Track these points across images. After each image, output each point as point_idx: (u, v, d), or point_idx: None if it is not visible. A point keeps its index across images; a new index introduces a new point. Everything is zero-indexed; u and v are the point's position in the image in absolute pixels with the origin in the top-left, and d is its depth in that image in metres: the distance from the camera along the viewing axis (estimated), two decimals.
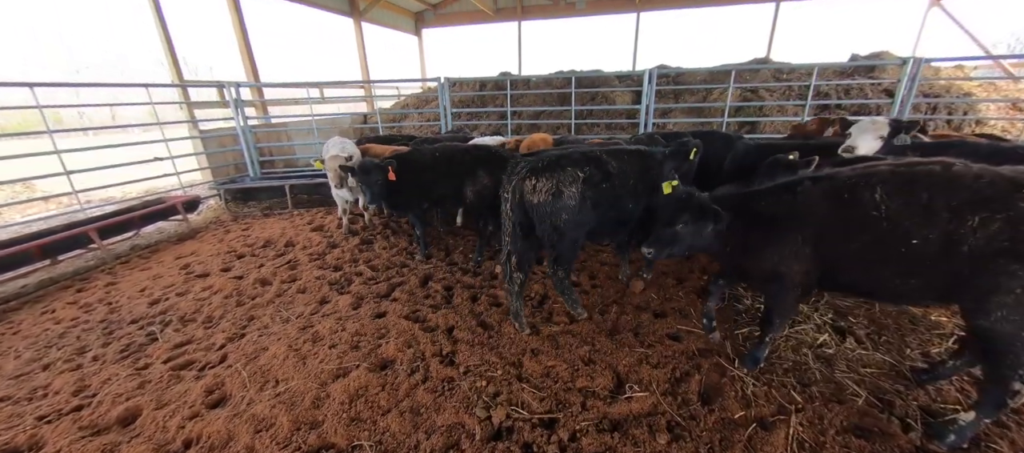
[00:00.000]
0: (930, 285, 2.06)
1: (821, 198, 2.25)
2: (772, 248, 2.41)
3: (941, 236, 1.89)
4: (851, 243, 2.16)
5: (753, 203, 2.51)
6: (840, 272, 2.33)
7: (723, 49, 18.79)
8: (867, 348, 2.91)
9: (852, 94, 8.21)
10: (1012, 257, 1.77)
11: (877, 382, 2.65)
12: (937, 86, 8.30)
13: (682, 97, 9.39)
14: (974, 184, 1.87)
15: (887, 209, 2.01)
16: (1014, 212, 1.76)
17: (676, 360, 2.91)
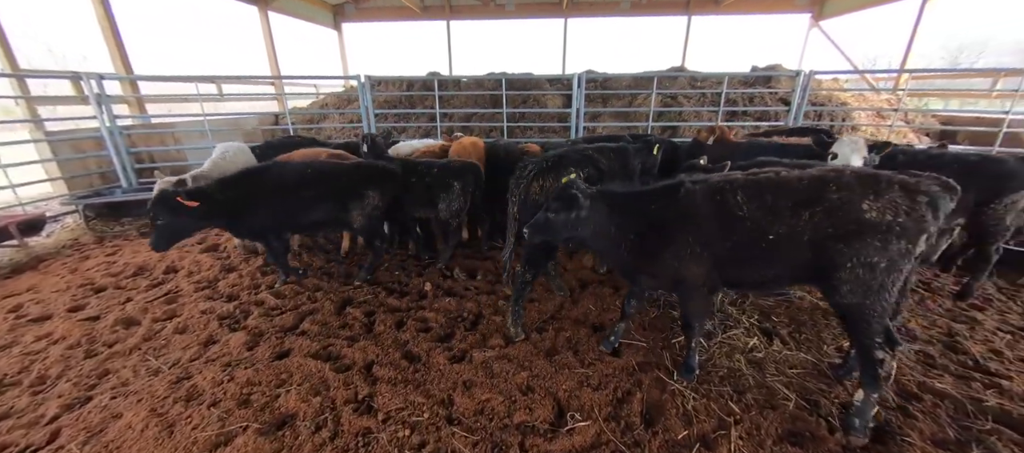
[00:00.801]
0: (793, 271, 2.40)
1: (702, 200, 2.40)
2: (670, 250, 2.47)
3: (787, 230, 2.21)
4: (729, 241, 2.36)
5: (642, 203, 2.57)
6: (727, 269, 2.48)
7: (644, 57, 19.97)
8: (791, 348, 3.01)
9: (755, 102, 9.00)
10: (837, 239, 2.14)
11: (803, 382, 2.72)
12: (820, 96, 9.44)
13: (610, 102, 9.64)
14: (799, 185, 2.23)
15: (747, 210, 2.27)
16: (828, 203, 2.14)
17: (617, 378, 2.76)
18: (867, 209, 2.08)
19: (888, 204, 2.07)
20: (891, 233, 2.07)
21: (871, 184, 2.13)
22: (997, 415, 2.43)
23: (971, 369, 2.86)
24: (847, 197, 2.12)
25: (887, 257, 2.10)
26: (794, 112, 7.44)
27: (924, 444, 2.25)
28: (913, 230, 2.09)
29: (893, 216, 2.06)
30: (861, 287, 2.15)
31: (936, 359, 2.97)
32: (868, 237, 2.09)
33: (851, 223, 2.10)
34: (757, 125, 8.58)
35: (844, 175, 2.20)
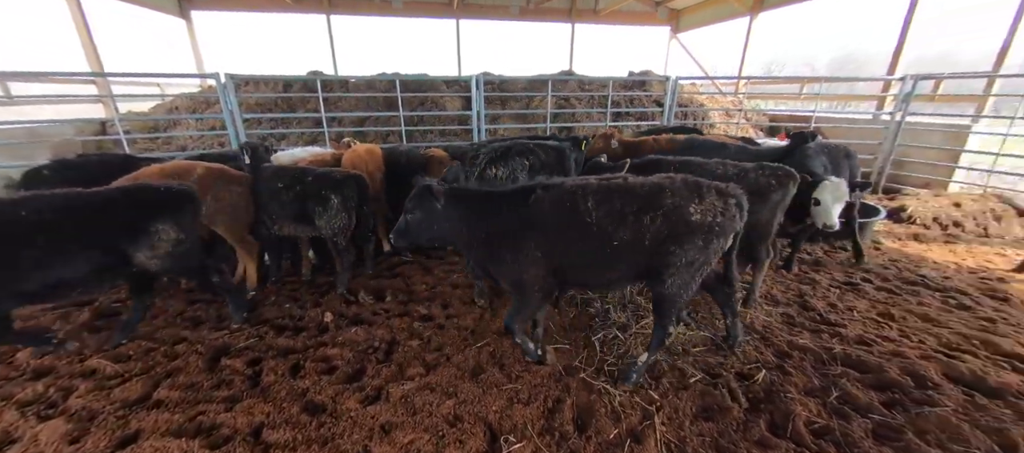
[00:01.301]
0: (632, 272, 2.59)
1: (550, 207, 2.46)
2: (512, 252, 2.54)
3: (631, 234, 2.39)
4: (576, 246, 2.47)
5: (494, 204, 2.60)
6: (575, 272, 2.60)
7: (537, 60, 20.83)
8: (693, 329, 3.31)
9: (635, 104, 10.01)
10: (672, 240, 2.39)
11: (706, 359, 3.00)
12: (684, 98, 10.91)
13: (508, 104, 9.78)
14: (642, 191, 2.41)
15: (596, 216, 2.39)
16: (664, 208, 2.35)
17: (546, 387, 2.70)
18: (693, 212, 2.36)
19: (709, 207, 2.37)
20: (712, 233, 2.39)
21: (696, 190, 2.41)
22: (843, 359, 2.98)
23: (819, 323, 3.49)
24: (679, 202, 2.36)
25: (706, 254, 2.43)
26: (667, 112, 8.42)
27: (800, 395, 2.63)
28: (727, 229, 2.43)
29: (713, 217, 2.37)
30: (681, 280, 2.48)
31: (795, 318, 3.56)
32: (694, 237, 2.38)
33: (682, 225, 2.36)
34: (639, 124, 9.56)
35: (676, 182, 2.45)
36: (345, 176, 3.82)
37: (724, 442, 2.32)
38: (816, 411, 2.52)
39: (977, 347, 3.14)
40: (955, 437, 2.30)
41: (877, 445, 2.28)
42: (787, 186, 3.15)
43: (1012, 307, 3.81)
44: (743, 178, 3.17)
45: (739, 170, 3.22)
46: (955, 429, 2.34)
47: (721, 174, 3.21)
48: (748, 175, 3.18)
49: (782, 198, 3.18)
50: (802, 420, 2.43)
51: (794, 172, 3.18)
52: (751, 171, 3.19)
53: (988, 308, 3.77)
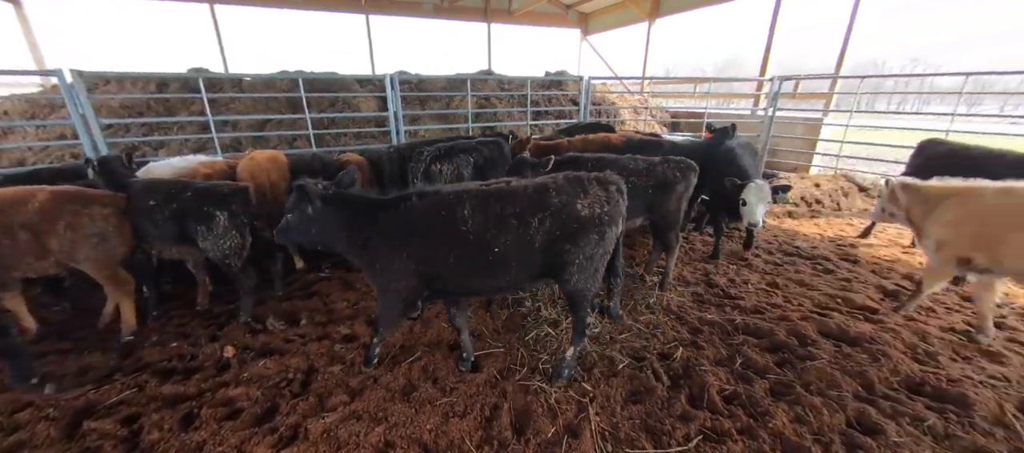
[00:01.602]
0: (526, 275, 2.55)
1: (422, 216, 2.40)
2: (383, 259, 2.48)
3: (517, 239, 2.37)
4: (453, 254, 2.40)
5: (372, 210, 2.50)
6: (456, 279, 2.52)
7: (456, 60, 20.61)
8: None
9: (553, 103, 10.35)
10: (566, 238, 2.42)
11: (631, 344, 3.17)
12: (596, 97, 11.57)
13: (427, 104, 9.50)
14: (525, 194, 2.41)
15: (473, 224, 2.33)
16: (552, 208, 2.37)
17: (482, 396, 2.64)
18: (582, 208, 2.41)
19: (595, 199, 2.44)
20: (603, 223, 2.46)
21: (579, 186, 2.47)
22: (743, 328, 3.35)
23: (723, 298, 3.89)
24: (566, 200, 2.38)
25: (603, 245, 2.51)
26: (582, 111, 8.83)
27: (712, 367, 2.90)
28: (615, 215, 2.53)
29: (600, 209, 2.45)
30: (586, 273, 2.54)
31: (703, 296, 3.94)
32: (588, 232, 2.43)
33: (574, 222, 2.40)
34: (558, 122, 9.90)
35: (559, 180, 2.48)
36: (233, 189, 3.34)
37: (652, 422, 2.46)
38: (725, 379, 2.79)
39: (839, 304, 3.76)
40: (831, 384, 2.70)
41: (774, 401, 2.58)
42: (689, 177, 3.46)
43: (861, 267, 4.63)
44: (651, 171, 3.41)
45: (648, 164, 3.46)
46: (830, 377, 2.75)
47: (632, 168, 3.42)
48: (655, 169, 3.43)
49: (685, 188, 3.49)
50: (715, 389, 2.67)
51: (694, 165, 3.50)
52: (657, 165, 3.45)
53: (845, 270, 4.54)
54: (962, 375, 2.79)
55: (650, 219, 3.64)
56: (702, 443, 2.29)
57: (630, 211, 3.54)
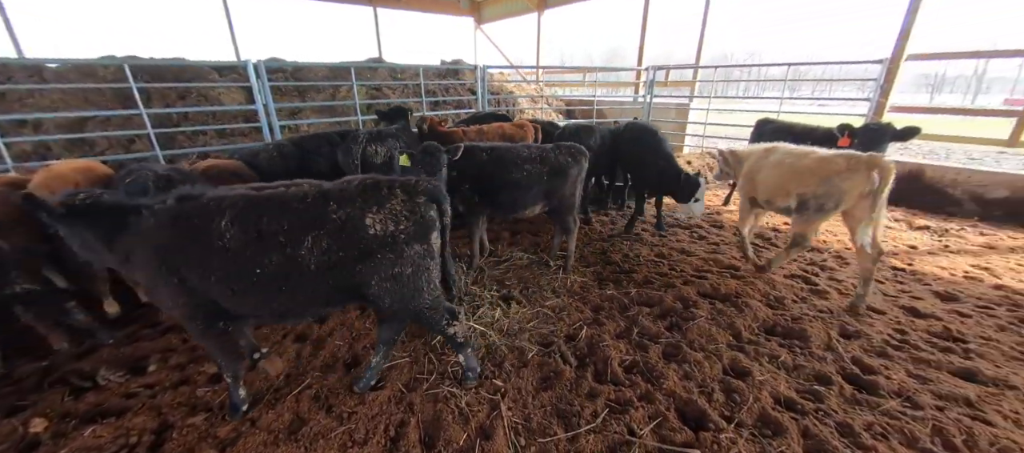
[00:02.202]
0: (316, 300, 2.13)
1: (163, 228, 1.93)
2: (148, 279, 2.05)
3: (286, 258, 1.92)
4: (215, 274, 1.94)
5: (119, 219, 1.97)
6: (232, 302, 2.04)
7: (343, 48, 18.81)
8: (525, 305, 3.49)
9: (450, 92, 10.08)
10: (352, 261, 1.99)
11: (539, 331, 3.20)
12: (494, 86, 11.58)
13: (309, 95, 8.50)
14: (298, 206, 1.95)
15: (231, 238, 1.90)
16: (331, 225, 1.94)
17: (385, 415, 2.40)
18: (372, 224, 1.98)
19: (392, 214, 2.02)
20: (402, 242, 2.04)
21: (373, 196, 2.02)
22: (638, 300, 3.61)
23: (619, 274, 4.16)
24: (350, 214, 1.96)
25: (409, 264, 2.09)
26: (480, 100, 8.74)
27: (613, 340, 3.06)
28: (425, 228, 2.12)
29: (397, 225, 2.02)
30: (399, 295, 2.14)
31: (602, 273, 4.16)
32: (383, 252, 2.01)
33: (360, 242, 1.97)
34: (458, 112, 9.67)
35: (347, 188, 2.03)
36: None
37: (562, 405, 2.49)
38: (625, 350, 2.97)
39: (711, 266, 4.28)
40: (710, 339, 3.04)
41: (666, 363, 2.82)
42: (581, 163, 3.59)
43: (725, 231, 5.36)
44: (544, 158, 3.45)
45: (541, 151, 3.49)
46: (708, 333, 3.10)
47: (525, 156, 3.43)
48: (548, 155, 3.48)
49: (579, 173, 3.61)
50: (616, 361, 2.82)
51: (585, 150, 3.63)
52: (550, 152, 3.50)
53: (714, 235, 5.21)
54: (801, 313, 3.38)
55: (548, 205, 3.70)
56: (608, 416, 2.39)
57: (529, 199, 3.57)
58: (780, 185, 3.58)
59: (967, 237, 5.19)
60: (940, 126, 15.62)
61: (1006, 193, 5.74)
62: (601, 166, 5.74)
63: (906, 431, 2.23)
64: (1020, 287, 3.89)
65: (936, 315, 3.38)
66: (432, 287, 2.29)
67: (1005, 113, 7.14)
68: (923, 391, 2.53)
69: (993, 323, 3.28)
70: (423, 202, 2.12)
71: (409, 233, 2.06)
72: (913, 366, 2.78)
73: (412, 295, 2.20)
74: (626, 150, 5.32)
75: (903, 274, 4.19)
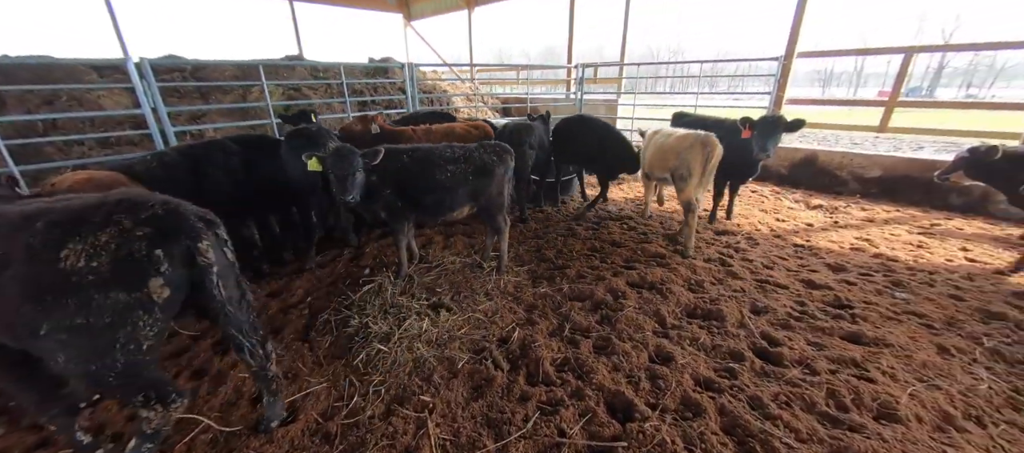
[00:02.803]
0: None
1: None
2: None
3: None
4: None
5: None
6: None
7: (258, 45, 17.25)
8: (456, 312, 3.36)
9: (379, 91, 9.61)
10: (27, 300, 1.51)
11: (471, 337, 3.09)
12: (427, 85, 11.25)
13: (213, 96, 7.64)
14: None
15: None
16: (25, 250, 1.51)
17: (299, 451, 2.16)
18: (65, 257, 1.51)
19: (92, 247, 1.54)
20: (90, 285, 1.52)
21: (90, 219, 1.58)
22: (570, 295, 3.63)
23: (553, 270, 4.17)
24: (47, 240, 1.52)
25: (99, 315, 1.54)
26: (410, 99, 8.42)
27: (545, 340, 3.03)
28: (129, 275, 1.58)
29: (89, 262, 1.52)
30: (77, 353, 1.58)
31: (536, 270, 4.15)
32: (60, 295, 1.51)
33: (42, 280, 1.50)
34: (389, 112, 9.24)
35: (53, 209, 1.60)
36: None
37: (493, 414, 2.40)
38: (557, 348, 2.95)
39: (639, 255, 4.45)
40: (637, 329, 3.12)
41: (597, 357, 2.84)
42: (507, 161, 3.53)
43: (654, 221, 5.62)
44: (469, 158, 3.34)
45: (464, 151, 3.38)
46: (635, 322, 3.18)
47: (449, 156, 3.30)
48: (473, 155, 3.38)
49: (505, 172, 3.55)
50: (548, 361, 2.79)
51: (511, 148, 3.58)
52: (474, 151, 3.40)
53: (642, 225, 5.43)
54: (718, 295, 3.59)
55: (476, 206, 3.60)
56: (539, 419, 2.34)
57: (455, 200, 3.44)
58: (658, 160, 4.59)
59: (852, 213, 5.90)
60: (830, 116, 17.83)
61: (880, 172, 6.61)
62: (539, 164, 5.77)
63: (805, 397, 2.42)
64: (892, 254, 4.47)
65: (829, 285, 3.77)
66: (135, 350, 1.65)
67: (877, 103, 8.24)
68: (819, 357, 2.78)
69: (872, 288, 3.72)
70: (143, 236, 1.60)
71: (104, 275, 1.53)
72: (811, 334, 3.06)
73: (97, 355, 1.60)
74: (583, 141, 5.55)
75: (802, 250, 4.64)
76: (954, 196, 5.93)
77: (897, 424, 2.25)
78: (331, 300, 3.58)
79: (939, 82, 62.07)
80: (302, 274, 4.11)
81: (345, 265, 4.30)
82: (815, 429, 2.22)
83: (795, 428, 2.22)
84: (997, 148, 3.71)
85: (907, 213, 5.86)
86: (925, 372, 2.65)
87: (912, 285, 3.76)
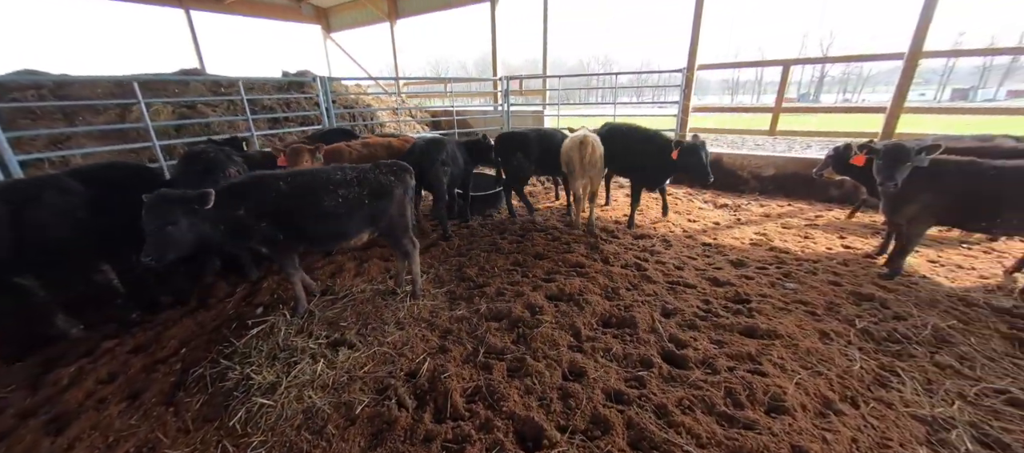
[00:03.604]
0: None
1: None
2: None
3: None
4: None
5: None
6: None
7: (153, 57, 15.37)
8: (359, 348, 3.07)
9: (293, 107, 8.94)
10: None
11: (375, 374, 2.82)
12: (349, 99, 10.70)
13: (82, 117, 6.59)
14: None
15: None
16: None
17: None
18: None
19: None
20: None
21: None
22: (488, 315, 3.48)
23: (473, 289, 4.01)
24: None
25: None
26: (326, 115, 7.91)
27: (458, 367, 2.85)
28: None
29: None
30: None
31: (455, 292, 3.97)
32: None
33: None
34: (305, 130, 8.60)
35: None
36: None
37: None
38: (469, 376, 2.78)
39: (560, 265, 4.44)
40: (552, 344, 3.05)
41: (509, 381, 2.72)
42: (406, 181, 3.33)
43: (576, 229, 5.69)
44: (363, 180, 3.10)
45: (358, 173, 3.13)
46: (551, 337, 3.11)
47: (340, 179, 3.03)
48: (368, 176, 3.14)
49: (404, 191, 3.35)
50: (458, 392, 2.61)
51: (409, 167, 3.39)
52: (369, 172, 3.17)
53: (567, 236, 5.47)
54: (632, 301, 3.65)
55: (377, 230, 3.35)
56: None
57: (350, 227, 3.17)
58: (563, 160, 5.26)
59: (752, 210, 6.44)
60: (737, 122, 19.78)
61: (774, 171, 7.33)
62: (457, 179, 5.61)
63: (706, 399, 2.48)
64: (783, 246, 4.90)
65: (731, 282, 4.00)
66: None
67: (763, 109, 9.19)
68: (720, 355, 2.89)
69: (767, 280, 4.01)
70: None
71: None
72: (714, 333, 3.19)
73: None
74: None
75: (710, 248, 4.93)
76: (833, 189, 6.71)
77: (785, 415, 2.36)
78: (212, 349, 3.11)
79: (822, 89, 71.98)
80: (180, 321, 3.56)
81: (236, 305, 3.80)
82: (714, 431, 2.26)
83: (696, 433, 2.25)
84: (851, 146, 4.22)
85: (797, 207, 6.52)
86: (809, 359, 2.85)
87: (799, 275, 4.12)
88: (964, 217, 3.63)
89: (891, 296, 3.65)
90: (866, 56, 8.38)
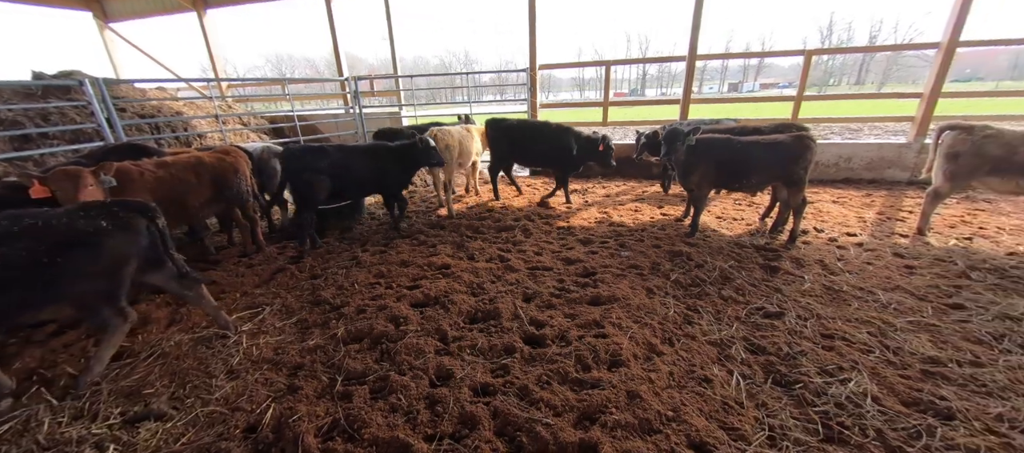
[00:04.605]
0: None
1: None
2: None
3: None
4: None
5: None
6: None
7: None
8: (174, 415, 2.48)
9: (53, 120, 6.74)
10: None
11: (200, 443, 2.31)
12: (150, 106, 8.56)
13: None
14: None
15: None
16: None
17: None
18: None
19: None
20: None
21: None
22: (346, 338, 3.19)
23: (329, 312, 3.63)
24: None
25: None
26: (107, 127, 6.19)
27: (310, 405, 2.54)
28: None
29: None
30: None
31: (308, 320, 3.53)
32: None
33: None
34: (78, 148, 6.55)
35: None
36: None
37: None
38: (325, 411, 2.50)
39: (427, 271, 4.34)
40: (418, 353, 2.95)
41: (372, 404, 2.53)
42: (135, 228, 2.59)
43: (445, 231, 5.65)
44: (49, 228, 2.34)
45: (44, 219, 2.31)
46: (417, 346, 3.01)
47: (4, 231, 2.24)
48: (55, 224, 2.35)
49: (127, 244, 2.62)
50: (311, 434, 2.32)
51: (148, 207, 2.75)
52: (62, 218, 2.34)
53: (433, 236, 5.38)
54: (497, 293, 3.79)
55: (66, 301, 2.50)
56: None
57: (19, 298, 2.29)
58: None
59: (597, 192, 7.35)
60: (584, 115, 22.40)
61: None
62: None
63: (560, 371, 2.71)
64: (619, 219, 5.71)
65: (580, 259, 4.48)
66: None
67: (595, 104, 10.58)
68: (572, 326, 3.20)
69: (607, 253, 4.62)
70: None
71: None
72: (568, 308, 3.52)
73: None
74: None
75: (564, 232, 5.44)
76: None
77: (623, 367, 2.74)
78: None
79: (646, 86, 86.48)
80: None
81: None
82: (568, 398, 2.48)
83: (553, 404, 2.44)
84: (641, 134, 5.26)
85: (629, 185, 7.69)
86: (639, 314, 3.38)
87: (631, 243, 4.85)
88: (728, 180, 4.76)
89: (693, 250, 4.58)
90: (670, 57, 10.51)
